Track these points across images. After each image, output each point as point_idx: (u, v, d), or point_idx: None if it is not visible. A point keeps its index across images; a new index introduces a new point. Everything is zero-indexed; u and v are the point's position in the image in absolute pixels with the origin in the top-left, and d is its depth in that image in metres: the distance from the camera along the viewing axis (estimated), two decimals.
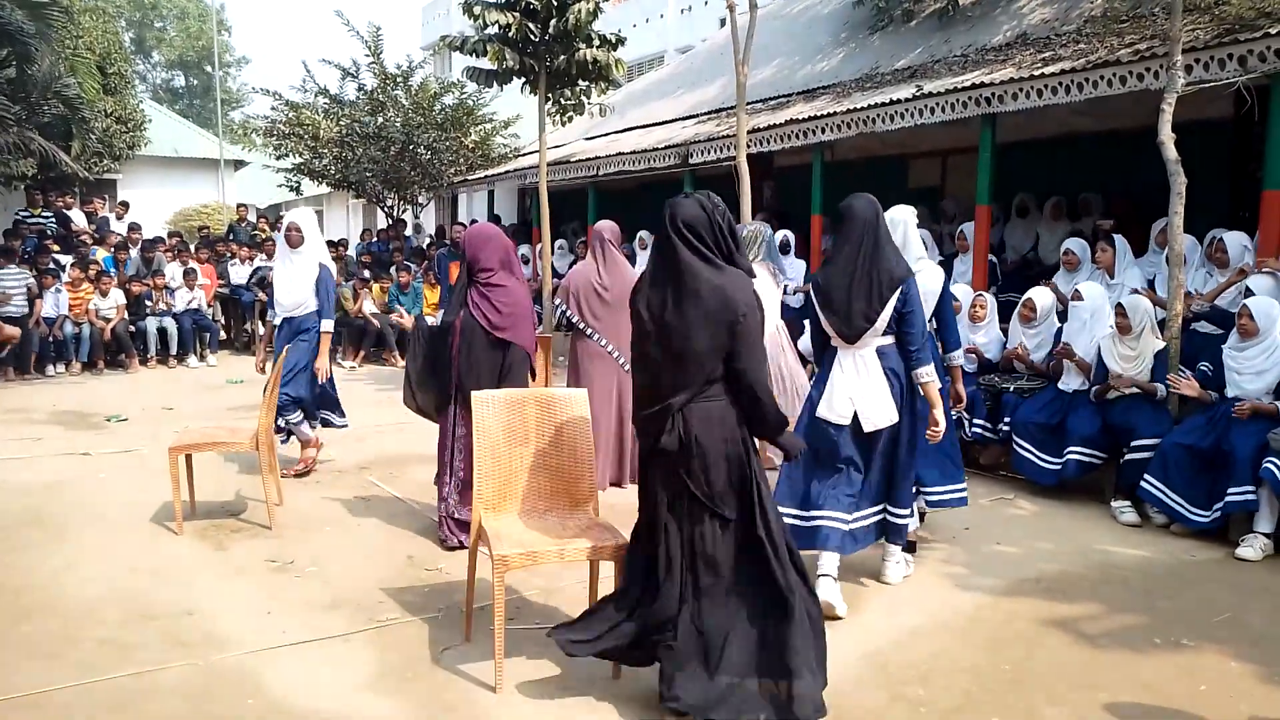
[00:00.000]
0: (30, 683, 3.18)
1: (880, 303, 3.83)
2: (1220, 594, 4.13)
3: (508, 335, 4.44)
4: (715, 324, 2.91)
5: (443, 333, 4.51)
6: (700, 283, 2.94)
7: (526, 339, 4.54)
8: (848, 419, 3.93)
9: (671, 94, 13.90)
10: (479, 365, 4.42)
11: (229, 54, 45.79)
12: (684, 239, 3.01)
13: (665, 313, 2.97)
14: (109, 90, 17.40)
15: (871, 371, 3.92)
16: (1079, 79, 6.37)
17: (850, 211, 3.96)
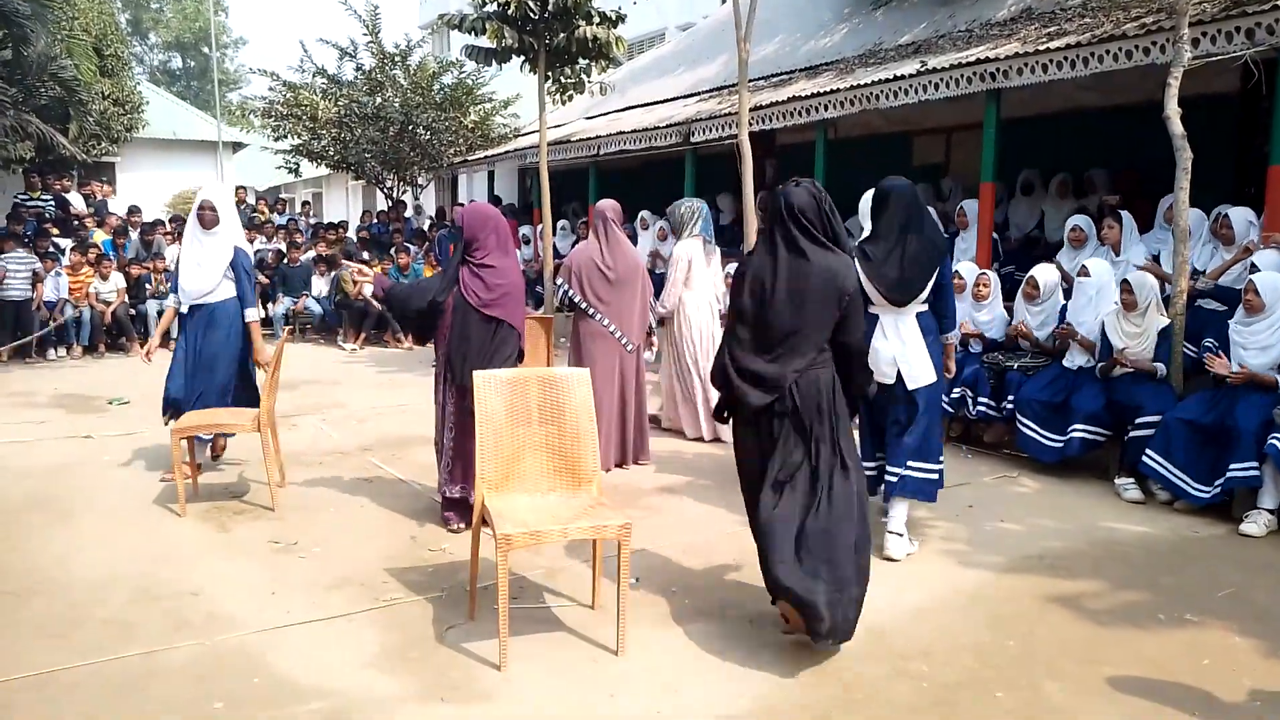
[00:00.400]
0: (37, 663, 3.19)
1: (930, 271, 4.15)
2: (1224, 570, 4.13)
3: (497, 312, 4.43)
4: (827, 301, 3.28)
5: (433, 311, 4.49)
6: (813, 264, 3.29)
7: (516, 318, 4.53)
8: (892, 379, 4.20)
9: (673, 72, 13.80)
10: (469, 343, 4.42)
11: (226, 35, 45.51)
12: (799, 224, 3.32)
13: (781, 291, 3.31)
14: (106, 72, 17.31)
15: (913, 334, 4.21)
16: (1084, 53, 6.31)
17: (892, 192, 4.24)
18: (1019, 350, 6.10)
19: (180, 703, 2.96)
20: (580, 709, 2.95)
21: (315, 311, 12.00)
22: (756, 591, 3.85)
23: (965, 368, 6.21)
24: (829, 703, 2.99)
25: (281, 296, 12.12)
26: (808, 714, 2.92)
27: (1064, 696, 3.03)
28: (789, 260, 3.32)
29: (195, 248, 5.38)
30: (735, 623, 3.57)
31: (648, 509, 4.98)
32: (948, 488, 5.32)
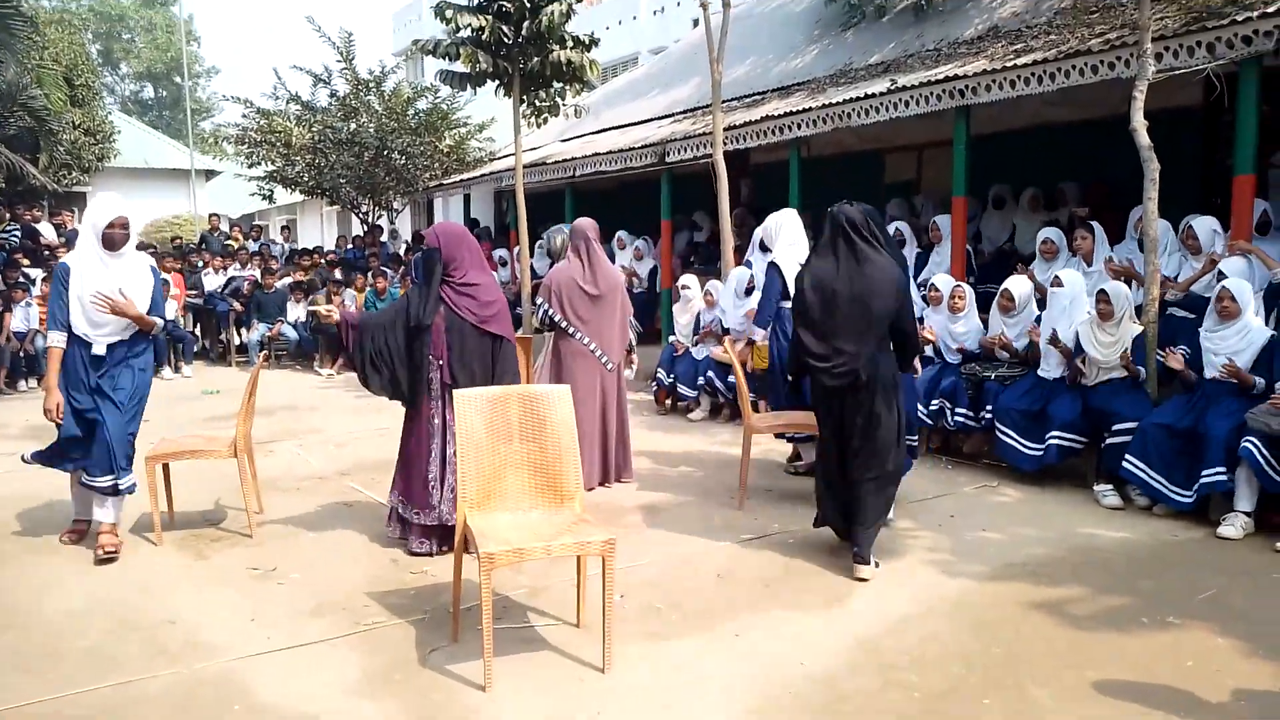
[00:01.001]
0: (13, 696, 3.12)
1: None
2: (1203, 573, 4.16)
3: (495, 328, 4.42)
4: (888, 294, 4.08)
5: (418, 332, 4.43)
6: (875, 265, 4.11)
7: (511, 333, 4.54)
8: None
9: (646, 94, 13.90)
10: (471, 361, 4.39)
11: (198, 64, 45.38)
12: (858, 234, 4.14)
13: (844, 293, 4.10)
14: (76, 102, 17.22)
15: None
16: (1051, 69, 6.42)
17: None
18: (996, 361, 6.16)
19: None
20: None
21: (291, 337, 11.92)
22: (743, 606, 3.85)
23: (943, 379, 6.26)
24: (821, 713, 2.98)
25: (257, 323, 12.04)
26: None
27: (1051, 701, 3.04)
28: (851, 266, 4.12)
29: (106, 271, 4.43)
30: (722, 637, 3.56)
31: (631, 526, 4.96)
32: (929, 499, 5.38)
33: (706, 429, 7.59)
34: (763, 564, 4.36)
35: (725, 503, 5.36)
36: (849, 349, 4.08)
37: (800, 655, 3.38)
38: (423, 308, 4.39)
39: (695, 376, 8.00)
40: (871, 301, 4.05)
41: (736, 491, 5.38)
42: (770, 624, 3.68)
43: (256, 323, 12.03)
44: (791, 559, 4.42)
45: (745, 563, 4.39)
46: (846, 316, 4.09)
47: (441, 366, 4.42)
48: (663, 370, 8.36)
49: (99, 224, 4.46)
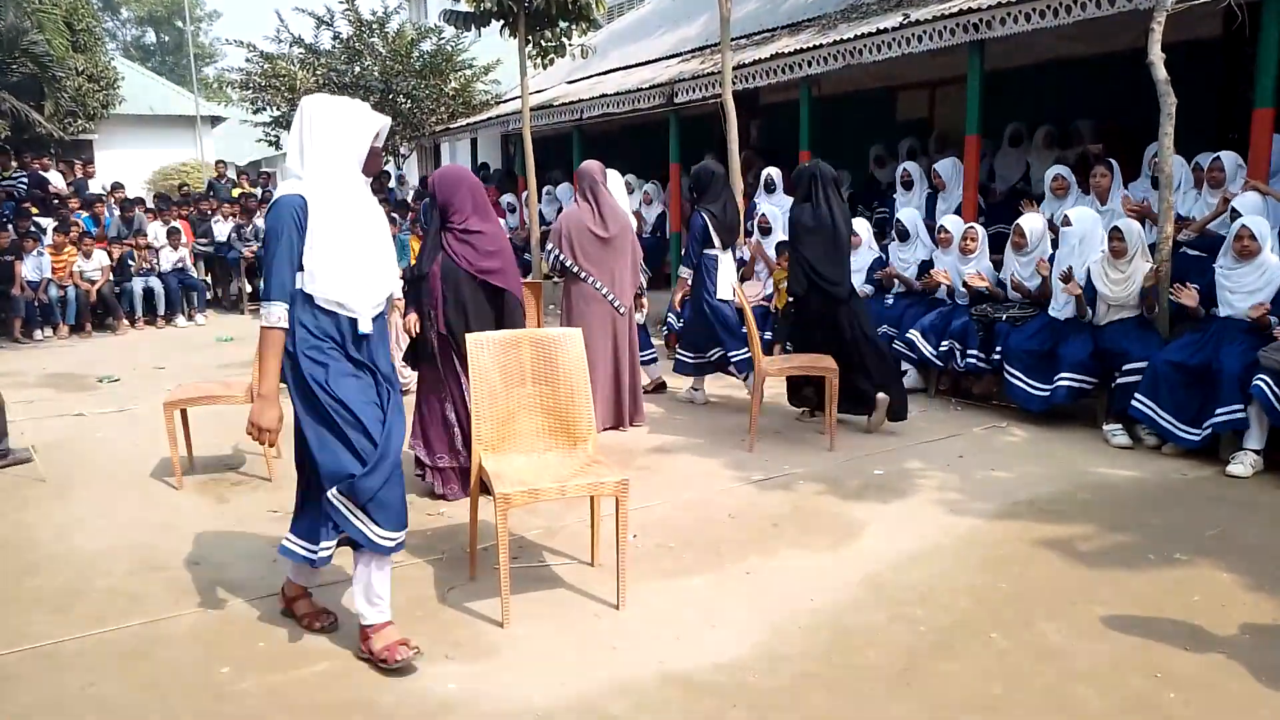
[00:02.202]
0: (41, 634, 3.22)
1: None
2: (1211, 510, 4.20)
3: (498, 280, 4.32)
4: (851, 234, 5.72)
5: (417, 282, 4.39)
6: (845, 211, 5.61)
7: (516, 284, 4.44)
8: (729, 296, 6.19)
9: (654, 33, 13.66)
10: (468, 311, 4.30)
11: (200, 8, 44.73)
12: (835, 186, 5.54)
13: (842, 230, 5.46)
14: (78, 48, 17.04)
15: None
16: (1068, 1, 6.28)
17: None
18: (1007, 301, 6.14)
19: (186, 668, 2.99)
20: (584, 662, 2.99)
21: None
22: (753, 544, 3.91)
23: (954, 320, 6.25)
24: (828, 647, 3.05)
25: None
26: (808, 659, 2.97)
27: (1058, 635, 3.09)
28: (838, 210, 5.47)
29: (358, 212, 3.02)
30: (733, 575, 3.63)
31: (643, 468, 5.02)
32: (938, 439, 5.42)
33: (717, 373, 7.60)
34: (773, 504, 4.42)
35: (736, 445, 5.41)
36: (845, 272, 5.47)
37: (809, 592, 3.44)
38: (421, 256, 4.38)
39: None
40: (849, 239, 5.60)
41: (747, 434, 5.43)
42: (780, 562, 3.74)
43: None
44: (801, 499, 4.47)
45: (755, 503, 4.44)
46: (840, 249, 5.43)
47: (434, 315, 4.35)
48: (673, 315, 8.35)
49: (362, 136, 2.95)
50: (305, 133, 2.87)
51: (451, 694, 2.81)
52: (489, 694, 2.80)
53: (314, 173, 2.86)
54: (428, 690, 2.83)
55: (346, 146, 2.89)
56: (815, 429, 5.71)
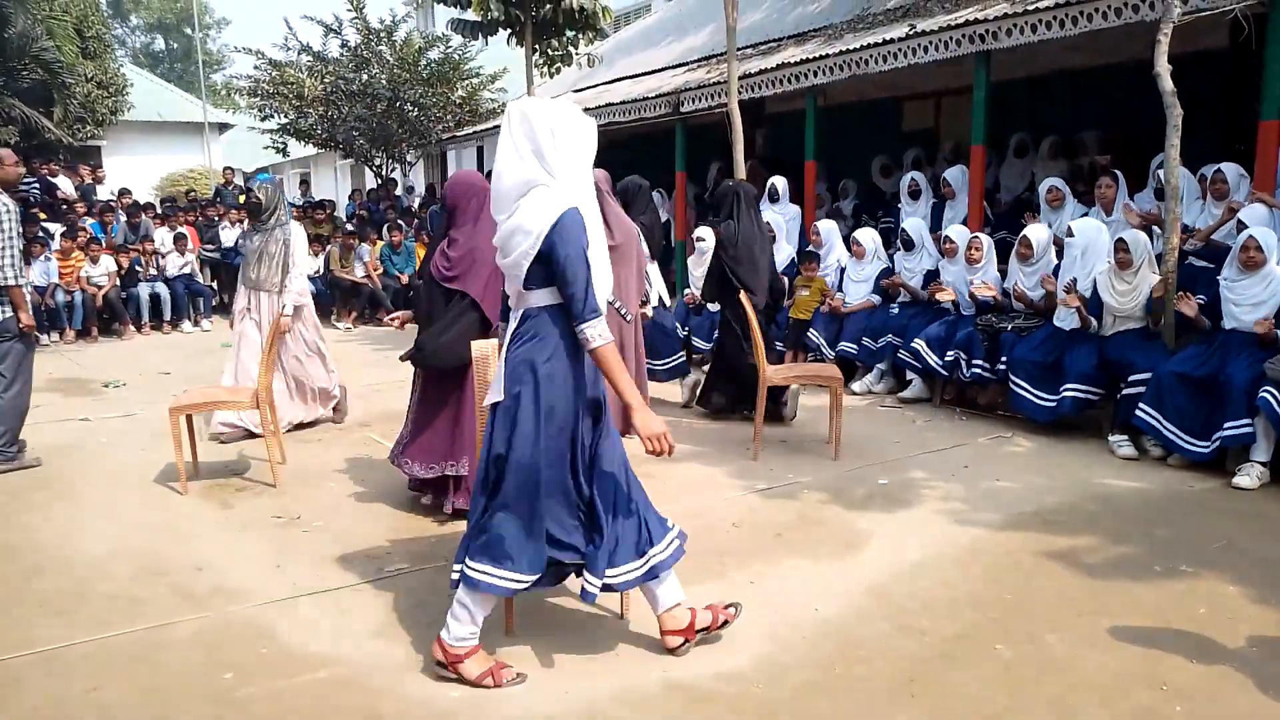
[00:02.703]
0: (45, 638, 3.22)
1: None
2: (1218, 522, 4.18)
3: (457, 285, 4.19)
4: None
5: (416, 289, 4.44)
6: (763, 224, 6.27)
7: (475, 289, 4.21)
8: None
9: (660, 42, 13.71)
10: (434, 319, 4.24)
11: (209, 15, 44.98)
12: (755, 203, 6.15)
13: (764, 243, 6.02)
14: (88, 54, 17.14)
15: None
16: (1073, 12, 6.28)
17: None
18: (1012, 311, 6.13)
19: (189, 673, 2.99)
20: (586, 670, 2.98)
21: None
22: (757, 554, 3.91)
23: (959, 330, 6.25)
24: (832, 657, 3.04)
25: None
26: (811, 669, 2.96)
27: (1063, 647, 3.08)
28: (758, 226, 6.03)
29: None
30: (736, 584, 3.62)
31: (647, 475, 4.96)
32: (943, 449, 5.40)
33: None
34: (777, 513, 4.41)
35: (741, 454, 5.40)
36: (763, 283, 5.98)
37: (813, 601, 3.43)
38: (423, 265, 4.39)
39: (710, 329, 7.99)
40: (767, 251, 6.10)
41: (751, 443, 5.42)
42: (784, 571, 3.74)
43: None
44: (805, 509, 4.46)
45: (760, 512, 4.44)
46: (757, 261, 5.93)
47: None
48: (677, 323, 8.35)
49: (594, 140, 2.91)
50: (547, 141, 2.75)
51: (454, 702, 2.81)
52: (492, 702, 2.80)
53: (566, 181, 2.76)
54: (431, 698, 2.83)
55: (586, 152, 2.84)
56: (821, 435, 5.71)
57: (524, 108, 2.83)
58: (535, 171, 2.76)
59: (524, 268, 2.73)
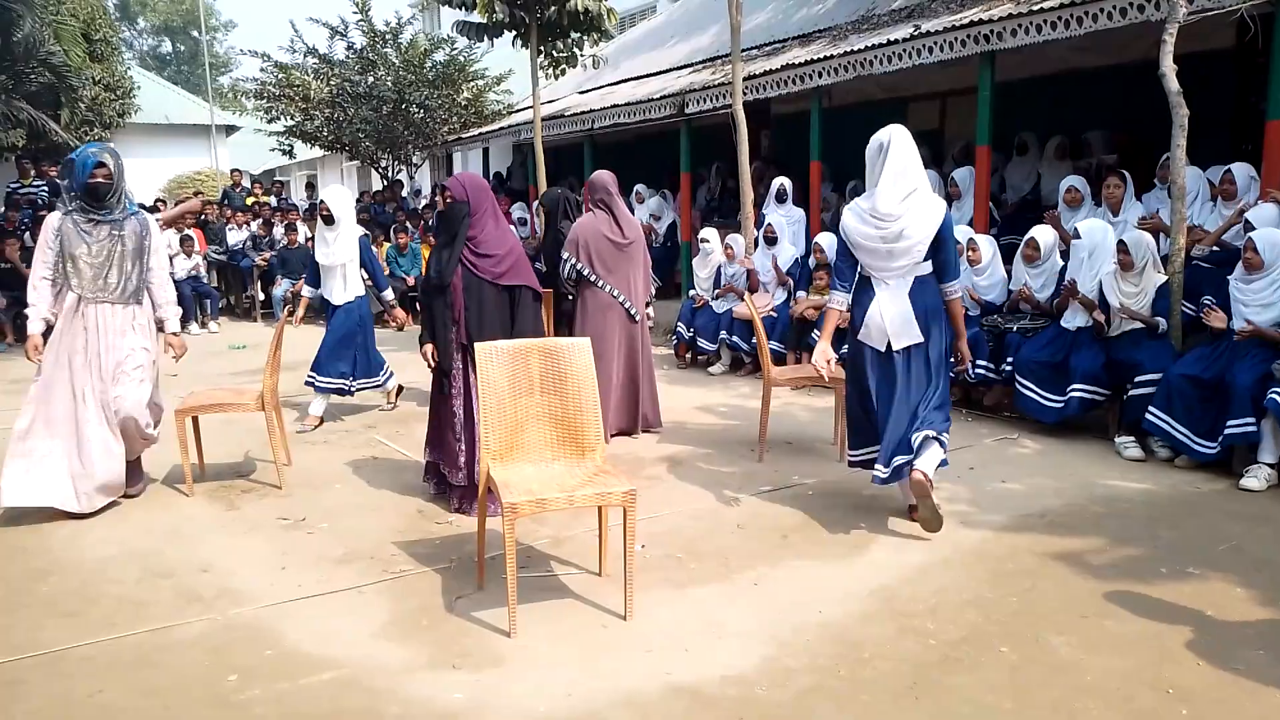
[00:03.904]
0: (50, 640, 3.23)
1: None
2: (1225, 524, 4.16)
3: (512, 280, 4.34)
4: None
5: (440, 290, 4.39)
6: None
7: (531, 279, 4.43)
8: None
9: (665, 43, 13.71)
10: (492, 319, 4.31)
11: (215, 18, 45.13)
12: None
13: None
14: (95, 57, 17.21)
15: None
16: (1079, 12, 6.27)
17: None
18: (1018, 312, 6.11)
19: (194, 676, 3.00)
20: (590, 672, 2.98)
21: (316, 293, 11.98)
22: (761, 556, 3.90)
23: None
24: (836, 659, 3.03)
25: (281, 279, 12.12)
26: (815, 672, 2.95)
27: (1068, 649, 3.07)
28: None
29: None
30: (741, 586, 3.61)
31: (651, 477, 5.02)
32: (949, 450, 5.37)
33: (726, 383, 7.62)
34: (781, 515, 4.40)
35: (745, 455, 5.40)
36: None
37: (817, 604, 3.42)
38: (447, 265, 4.35)
39: (715, 330, 8.00)
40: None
41: (756, 444, 5.42)
42: (788, 573, 3.73)
43: (281, 278, 12.11)
44: (810, 511, 4.46)
45: (764, 514, 4.43)
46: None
47: (457, 326, 4.37)
48: (682, 324, 8.36)
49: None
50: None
51: (457, 703, 2.81)
52: (495, 704, 2.80)
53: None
54: (434, 699, 2.83)
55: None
56: (825, 435, 5.70)
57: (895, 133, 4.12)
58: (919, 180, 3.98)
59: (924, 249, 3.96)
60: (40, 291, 4.47)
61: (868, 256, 4.07)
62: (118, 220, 4.53)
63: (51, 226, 4.46)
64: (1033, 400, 5.63)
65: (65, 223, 4.44)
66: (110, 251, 4.48)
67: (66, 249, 4.42)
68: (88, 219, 4.45)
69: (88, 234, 4.44)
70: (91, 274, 4.45)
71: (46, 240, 4.45)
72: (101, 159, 4.47)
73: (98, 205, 4.47)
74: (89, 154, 4.50)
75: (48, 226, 4.48)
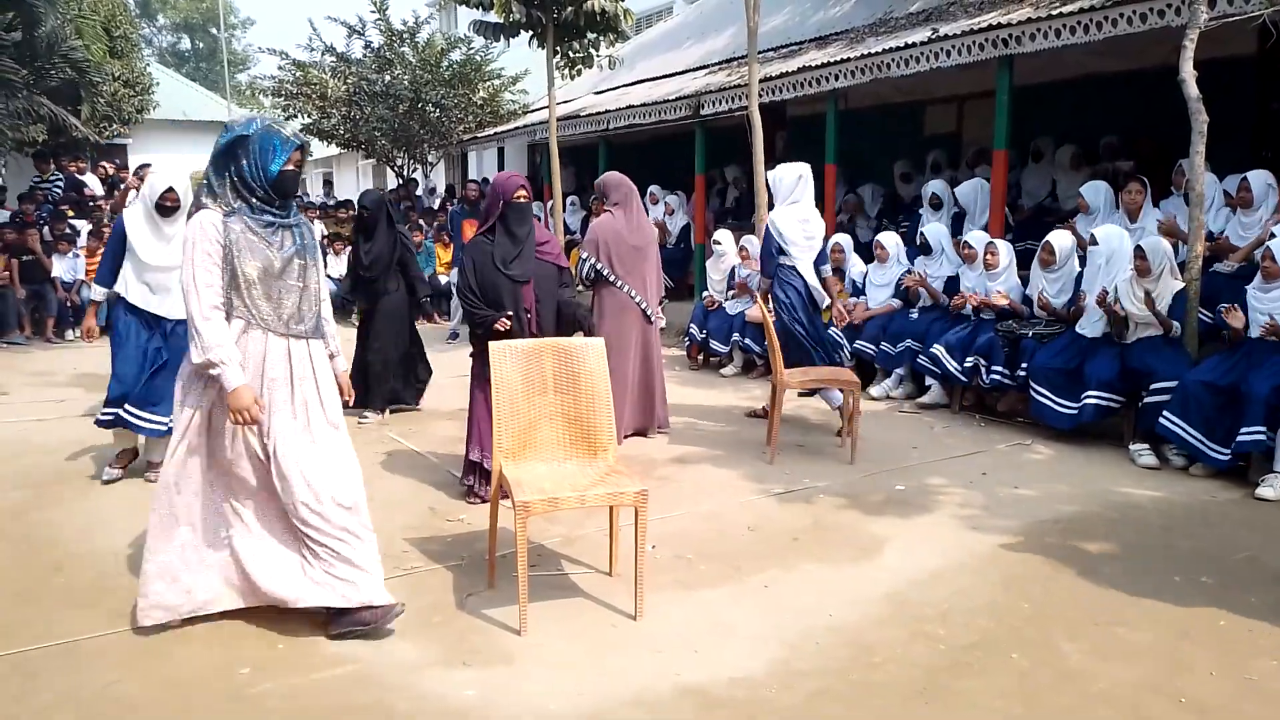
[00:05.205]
0: (65, 631, 3.26)
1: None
2: (1240, 533, 4.13)
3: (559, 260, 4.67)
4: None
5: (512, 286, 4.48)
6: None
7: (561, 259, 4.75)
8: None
9: (681, 45, 13.72)
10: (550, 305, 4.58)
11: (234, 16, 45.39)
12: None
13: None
14: (115, 53, 17.35)
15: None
16: (1098, 17, 6.24)
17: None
18: (1033, 318, 6.09)
19: (206, 668, 3.02)
20: (600, 672, 2.99)
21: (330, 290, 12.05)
22: (772, 558, 3.90)
23: (979, 336, 6.21)
24: (846, 663, 3.02)
25: None
26: (825, 675, 2.95)
27: (1080, 657, 3.05)
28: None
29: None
30: (751, 588, 3.61)
31: (663, 478, 5.02)
32: (962, 456, 5.37)
33: (738, 384, 7.61)
34: (792, 518, 4.40)
35: (756, 457, 5.39)
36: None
37: (828, 607, 3.42)
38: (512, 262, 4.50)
39: (728, 332, 7.99)
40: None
41: (767, 446, 5.41)
42: (798, 576, 3.73)
43: None
44: (821, 513, 4.45)
45: (775, 516, 4.43)
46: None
47: (529, 320, 4.50)
48: (695, 326, 8.36)
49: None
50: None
51: (468, 701, 2.82)
52: (505, 702, 2.81)
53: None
54: (445, 696, 2.84)
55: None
56: (837, 443, 5.69)
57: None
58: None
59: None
60: (216, 325, 3.05)
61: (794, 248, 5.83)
62: (295, 225, 3.25)
63: (213, 230, 3.06)
64: (1047, 406, 5.61)
65: (234, 228, 3.09)
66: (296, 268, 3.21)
67: (239, 265, 3.07)
68: (265, 223, 3.14)
69: (268, 244, 3.13)
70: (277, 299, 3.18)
71: (208, 252, 3.05)
72: (297, 140, 3.22)
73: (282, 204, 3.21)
74: (274, 132, 3.15)
75: (207, 234, 3.05)
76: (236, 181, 3.11)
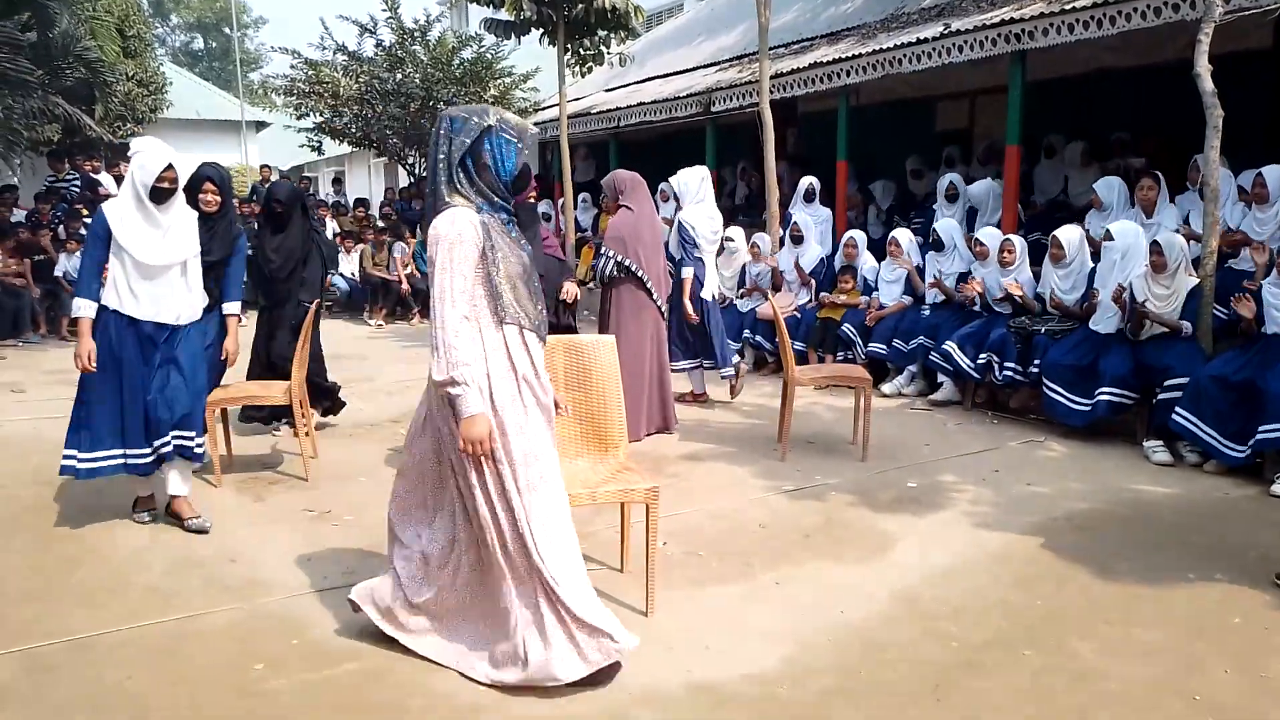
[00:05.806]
0: (80, 627, 3.28)
1: None
2: (1255, 530, 4.11)
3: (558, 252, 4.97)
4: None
5: None
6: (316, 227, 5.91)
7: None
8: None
9: (692, 41, 13.69)
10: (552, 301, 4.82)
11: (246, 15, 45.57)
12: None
13: (301, 249, 6.03)
14: (129, 53, 17.43)
15: None
16: (1111, 12, 6.20)
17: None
18: (1046, 314, 6.06)
19: (221, 664, 3.04)
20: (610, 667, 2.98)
21: (341, 288, 12.10)
22: (783, 555, 3.90)
23: (991, 332, 6.18)
24: (858, 661, 3.02)
25: None
26: (837, 673, 2.95)
27: (1093, 655, 3.04)
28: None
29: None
30: (762, 585, 3.61)
31: (674, 475, 5.02)
32: (974, 453, 5.35)
33: (749, 381, 7.59)
34: (804, 515, 4.39)
35: (767, 454, 5.39)
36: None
37: (839, 604, 3.41)
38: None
39: (739, 329, 7.98)
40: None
41: (778, 443, 5.41)
42: (810, 573, 3.72)
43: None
44: (833, 511, 4.44)
45: (786, 513, 4.42)
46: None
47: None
48: None
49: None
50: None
51: (480, 696, 2.83)
52: (518, 698, 2.81)
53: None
54: (457, 693, 2.85)
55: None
56: (847, 435, 5.68)
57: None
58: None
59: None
60: (466, 339, 2.74)
61: (704, 242, 6.28)
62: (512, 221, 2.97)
63: (473, 231, 2.75)
64: (1060, 403, 5.58)
65: (493, 227, 2.83)
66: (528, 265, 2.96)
67: (502, 266, 2.81)
68: (504, 220, 2.90)
69: (513, 241, 2.90)
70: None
71: (468, 255, 2.74)
72: (534, 132, 3.02)
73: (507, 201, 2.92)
74: (507, 124, 2.87)
75: (469, 234, 2.74)
76: (480, 177, 2.81)
